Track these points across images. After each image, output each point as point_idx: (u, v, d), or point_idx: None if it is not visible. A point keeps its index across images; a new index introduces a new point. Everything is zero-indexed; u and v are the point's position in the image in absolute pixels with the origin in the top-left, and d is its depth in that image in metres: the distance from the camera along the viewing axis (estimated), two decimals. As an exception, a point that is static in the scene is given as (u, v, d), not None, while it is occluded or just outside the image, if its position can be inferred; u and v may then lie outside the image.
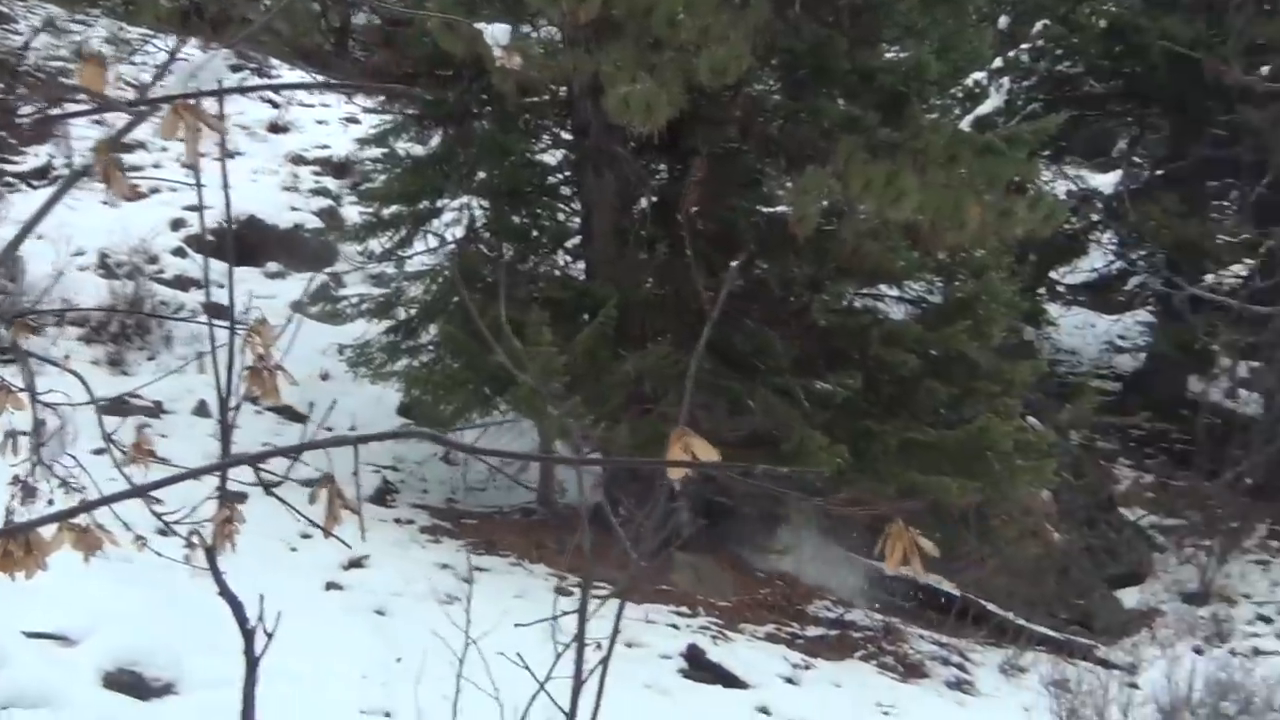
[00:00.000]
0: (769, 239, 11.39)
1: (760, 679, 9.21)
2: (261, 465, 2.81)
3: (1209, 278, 17.34)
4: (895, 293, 12.28)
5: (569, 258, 12.64)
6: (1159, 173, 19.05)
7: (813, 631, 10.62)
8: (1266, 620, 14.75)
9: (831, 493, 9.95)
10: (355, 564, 9.37)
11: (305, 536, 9.23)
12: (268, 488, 2.99)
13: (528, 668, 3.33)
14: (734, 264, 7.47)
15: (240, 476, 2.76)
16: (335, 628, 7.98)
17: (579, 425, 9.47)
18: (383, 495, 11.52)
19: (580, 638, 3.12)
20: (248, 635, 2.99)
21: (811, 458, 10.21)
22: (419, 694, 5.44)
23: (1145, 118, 19.95)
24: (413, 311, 12.24)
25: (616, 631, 3.12)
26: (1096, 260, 20.83)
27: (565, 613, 3.29)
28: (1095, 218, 19.45)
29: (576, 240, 12.39)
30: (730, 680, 9.13)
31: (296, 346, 3.29)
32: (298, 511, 2.88)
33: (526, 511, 12.17)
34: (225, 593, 2.97)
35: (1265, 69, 15.83)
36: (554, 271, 12.50)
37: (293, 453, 2.51)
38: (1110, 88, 19.24)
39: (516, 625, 3.49)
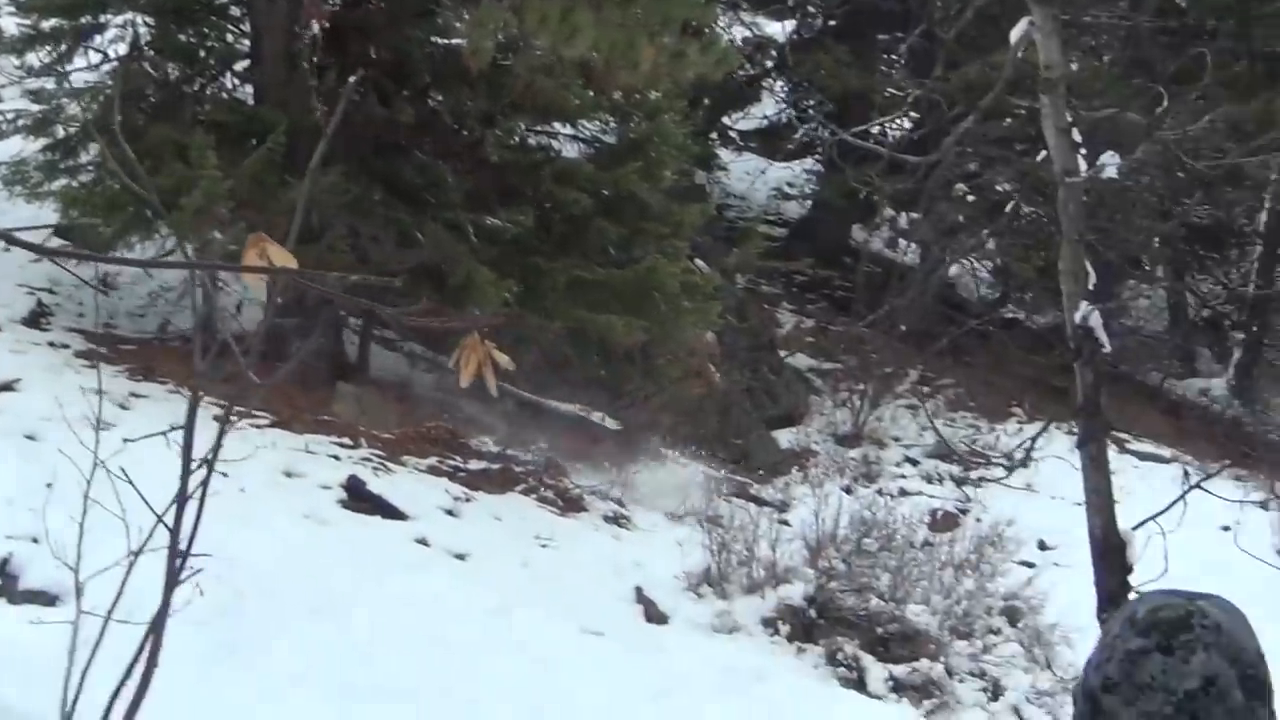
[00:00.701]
0: (443, 71, 11.20)
1: (420, 511, 9.22)
2: None
3: (875, 129, 17.80)
4: (569, 131, 12.26)
5: (237, 81, 12.20)
6: (830, 22, 19.39)
7: (475, 465, 10.66)
8: (913, 462, 15.45)
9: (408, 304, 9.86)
10: (5, 387, 9.01)
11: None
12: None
13: (133, 484, 3.23)
14: (351, 80, 7.30)
15: None
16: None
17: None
18: (36, 318, 11.05)
19: (186, 453, 3.04)
20: None
21: (480, 293, 10.19)
22: (66, 518, 5.25)
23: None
24: (72, 130, 11.65)
25: (219, 446, 3.04)
26: (768, 107, 21.16)
27: (174, 427, 3.20)
28: (768, 65, 19.72)
29: (246, 64, 11.96)
30: (390, 512, 9.12)
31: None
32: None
33: (187, 338, 11.83)
34: None
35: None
36: (221, 94, 12.06)
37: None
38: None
39: (125, 440, 3.38)
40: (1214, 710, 1.64)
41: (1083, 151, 4.63)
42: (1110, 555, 4.10)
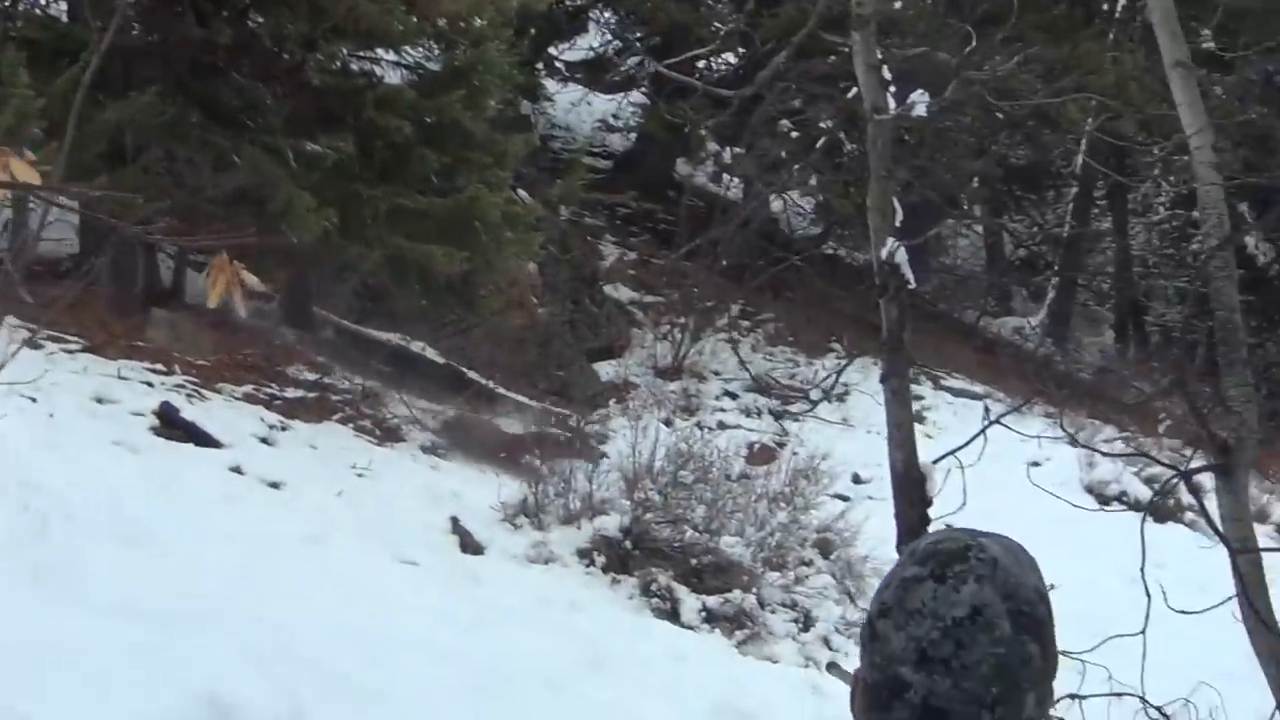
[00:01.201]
0: (264, -9, 11.00)
1: (235, 439, 9.12)
2: None
3: (700, 63, 17.84)
4: (392, 57, 12.10)
5: (50, -3, 11.86)
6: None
7: (292, 393, 10.56)
8: (733, 396, 15.62)
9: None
10: None
11: None
12: None
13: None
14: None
15: None
16: None
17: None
18: None
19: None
20: None
21: (298, 219, 10.04)
22: None
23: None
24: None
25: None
26: (594, 39, 21.10)
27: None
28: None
29: (58, -20, 11.62)
30: (204, 439, 9.01)
31: None
32: None
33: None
34: None
35: None
36: (34, 10, 11.70)
37: None
38: None
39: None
40: (979, 639, 1.67)
41: (893, 89, 4.70)
42: (910, 488, 4.20)
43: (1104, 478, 15.22)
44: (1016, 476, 12.59)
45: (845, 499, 12.05)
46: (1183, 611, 4.17)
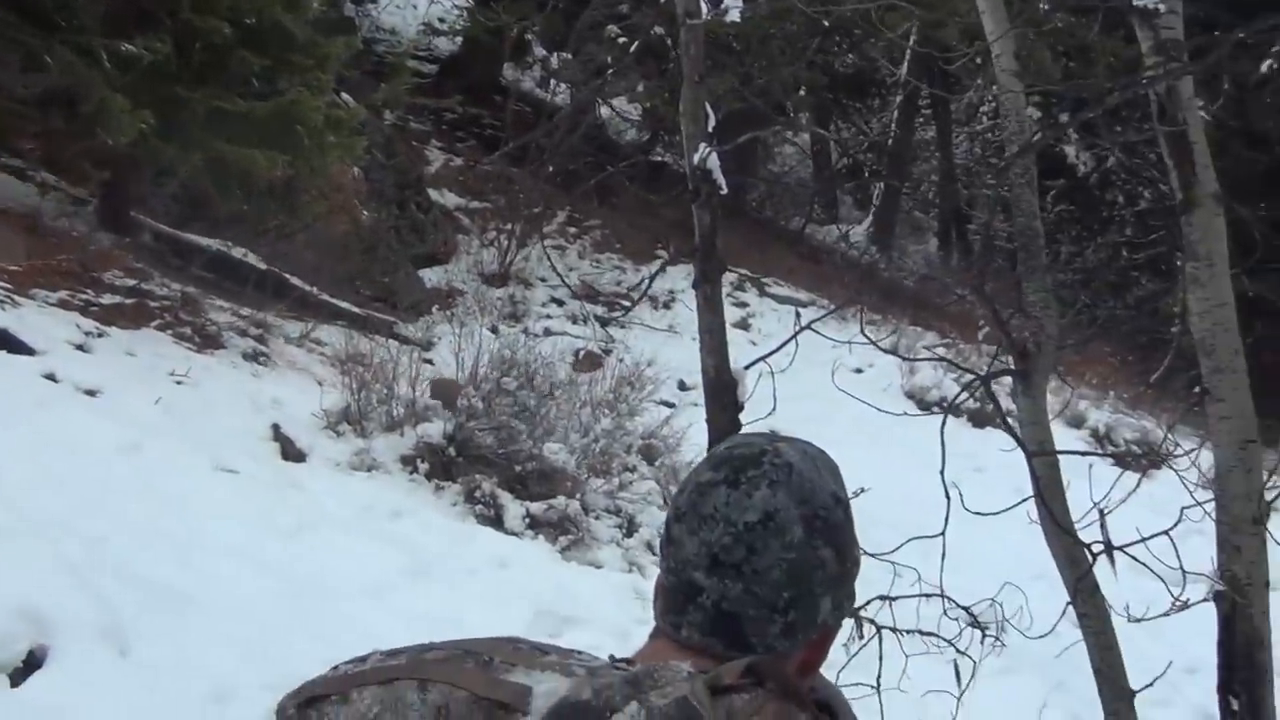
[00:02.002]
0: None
1: (49, 345, 8.90)
2: None
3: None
4: (208, -45, 11.81)
5: None
6: None
7: (109, 300, 10.32)
8: (559, 303, 15.67)
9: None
10: None
11: None
12: None
13: None
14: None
15: None
16: None
17: None
18: None
19: None
20: None
21: (113, 121, 9.80)
22: None
23: None
24: None
25: None
26: (420, -60, 20.86)
27: None
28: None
29: None
30: (16, 346, 8.79)
31: None
32: None
33: None
34: None
35: None
36: None
37: None
38: None
39: None
40: (771, 543, 1.68)
41: (707, -6, 4.72)
42: (721, 393, 4.27)
43: (924, 383, 15.61)
44: (841, 381, 12.89)
45: (670, 405, 12.20)
46: (978, 513, 4.31)
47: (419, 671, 1.58)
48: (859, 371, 14.37)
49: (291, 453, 8.89)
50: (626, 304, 15.80)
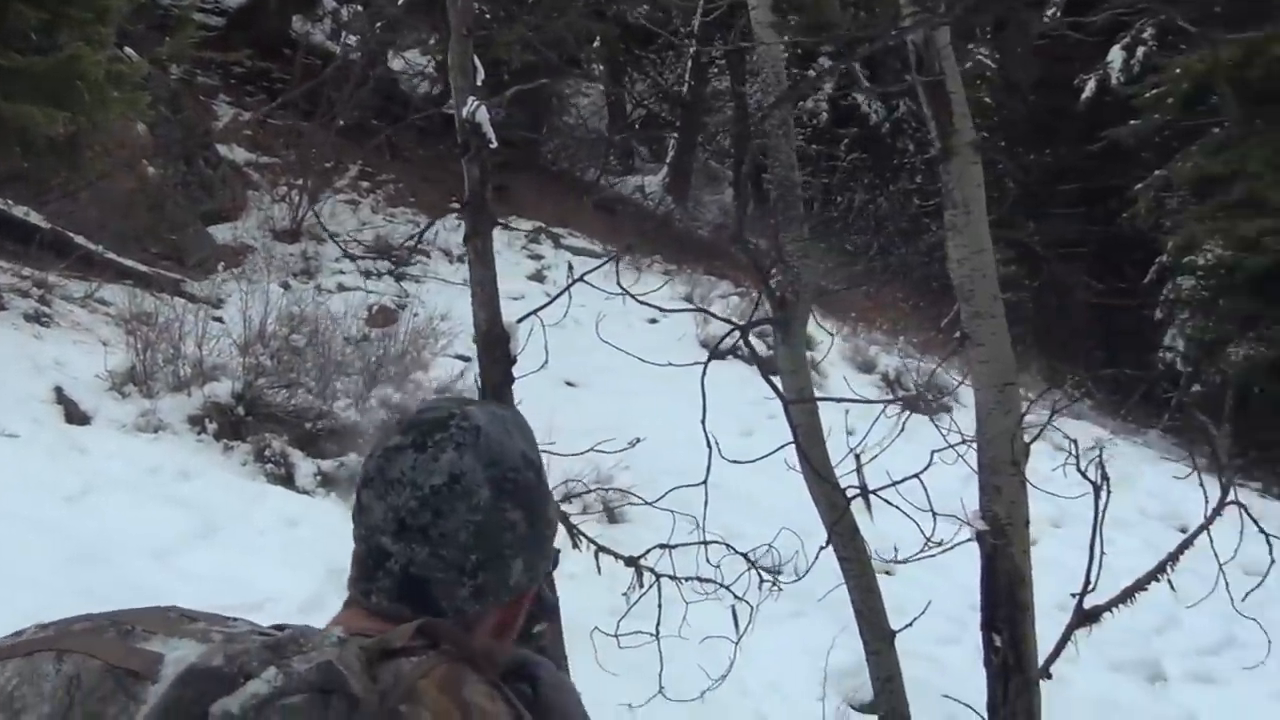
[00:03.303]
0: None
1: None
2: None
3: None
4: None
5: None
6: None
7: (-119, 262, 10.06)
8: (352, 258, 15.54)
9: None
10: None
11: None
12: None
13: None
14: None
15: None
16: None
17: None
18: None
19: None
20: None
21: (-120, 77, 9.51)
22: None
23: None
24: None
25: None
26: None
27: None
28: None
29: None
30: None
31: None
32: None
33: None
34: None
35: None
36: None
37: None
38: None
39: None
40: (457, 505, 1.69)
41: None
42: (493, 347, 4.33)
43: (717, 333, 15.81)
44: (638, 332, 13.05)
45: (465, 359, 12.20)
46: (735, 461, 4.42)
47: (59, 643, 1.52)
48: (654, 322, 14.53)
49: (75, 415, 8.73)
50: (423, 259, 15.76)
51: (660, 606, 4.99)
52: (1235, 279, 22.85)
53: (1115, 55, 25.84)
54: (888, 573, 10.16)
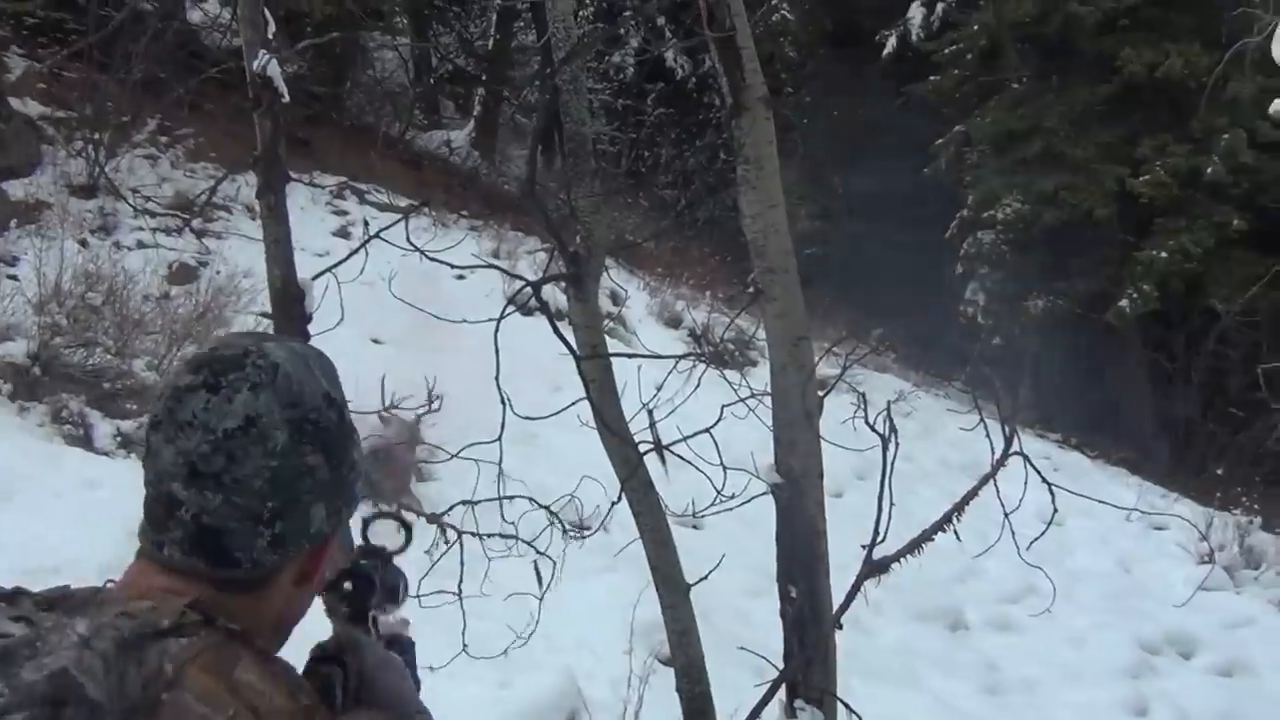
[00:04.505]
0: None
1: None
2: None
3: None
4: None
5: None
6: None
7: None
8: (152, 214, 15.19)
9: None
10: None
11: None
12: None
13: None
14: None
15: None
16: None
17: None
18: None
19: None
20: None
21: None
22: None
23: None
24: None
25: None
26: None
27: None
28: None
29: None
30: None
31: None
32: None
33: None
34: None
35: None
36: None
37: None
38: None
39: None
40: (252, 450, 1.60)
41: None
42: (288, 304, 4.30)
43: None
44: (445, 287, 12.96)
45: (269, 316, 12.02)
46: (528, 418, 4.44)
47: None
48: (461, 278, 14.47)
49: None
50: (225, 215, 15.48)
51: (463, 564, 4.98)
52: (1033, 233, 23.51)
53: (915, 12, 26.32)
54: (696, 527, 10.34)
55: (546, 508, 5.29)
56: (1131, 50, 21.77)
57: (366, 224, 5.74)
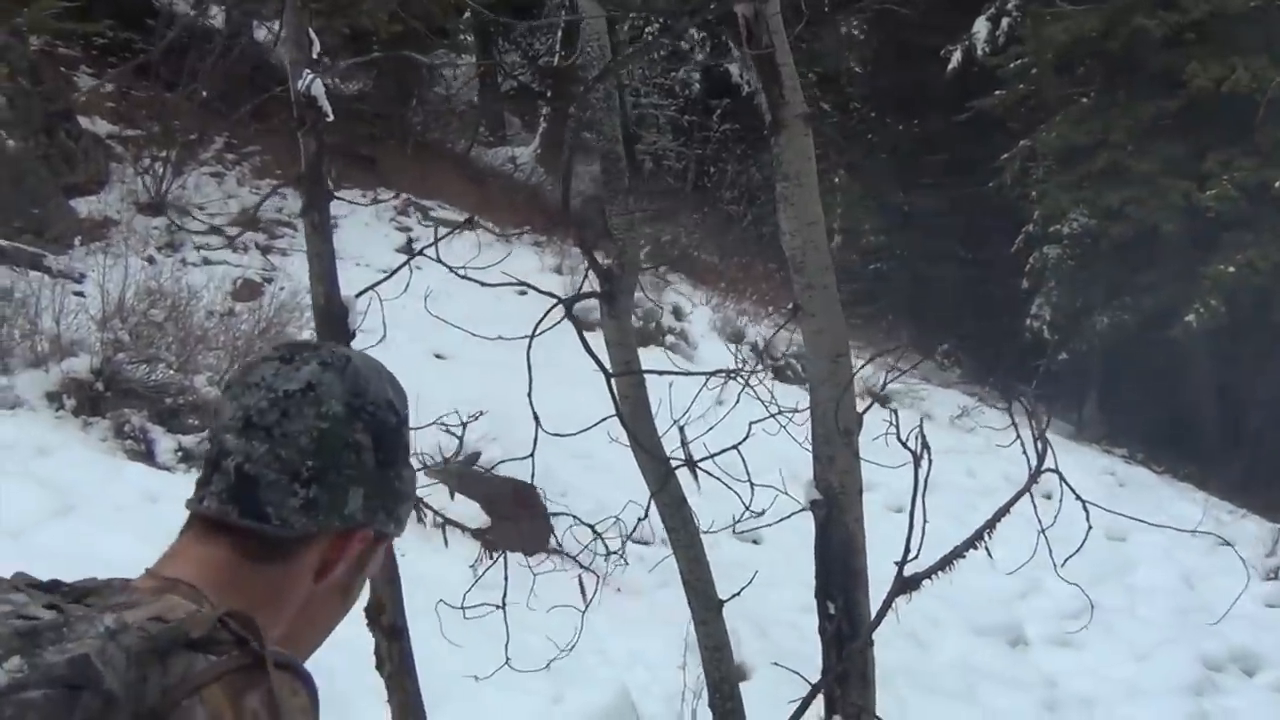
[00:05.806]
0: None
1: None
2: None
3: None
4: None
5: None
6: None
7: None
8: (218, 231, 15.40)
9: None
10: None
11: None
12: None
13: None
14: None
15: None
16: None
17: None
18: None
19: None
20: None
21: None
22: None
23: None
24: None
25: None
26: None
27: None
28: None
29: None
30: None
31: None
32: None
33: None
34: None
35: None
36: None
37: None
38: None
39: None
40: (306, 410, 1.67)
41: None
42: (331, 321, 4.35)
43: (586, 303, 15.84)
44: (507, 303, 13.04)
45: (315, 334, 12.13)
46: (556, 434, 4.47)
47: None
48: (523, 293, 14.53)
49: (-72, 393, 8.64)
50: (290, 232, 15.64)
51: (506, 579, 5.00)
52: (1099, 248, 23.35)
53: (980, 26, 26.19)
54: (755, 541, 10.35)
55: (591, 526, 5.31)
56: (1198, 64, 21.58)
57: (410, 242, 5.79)
